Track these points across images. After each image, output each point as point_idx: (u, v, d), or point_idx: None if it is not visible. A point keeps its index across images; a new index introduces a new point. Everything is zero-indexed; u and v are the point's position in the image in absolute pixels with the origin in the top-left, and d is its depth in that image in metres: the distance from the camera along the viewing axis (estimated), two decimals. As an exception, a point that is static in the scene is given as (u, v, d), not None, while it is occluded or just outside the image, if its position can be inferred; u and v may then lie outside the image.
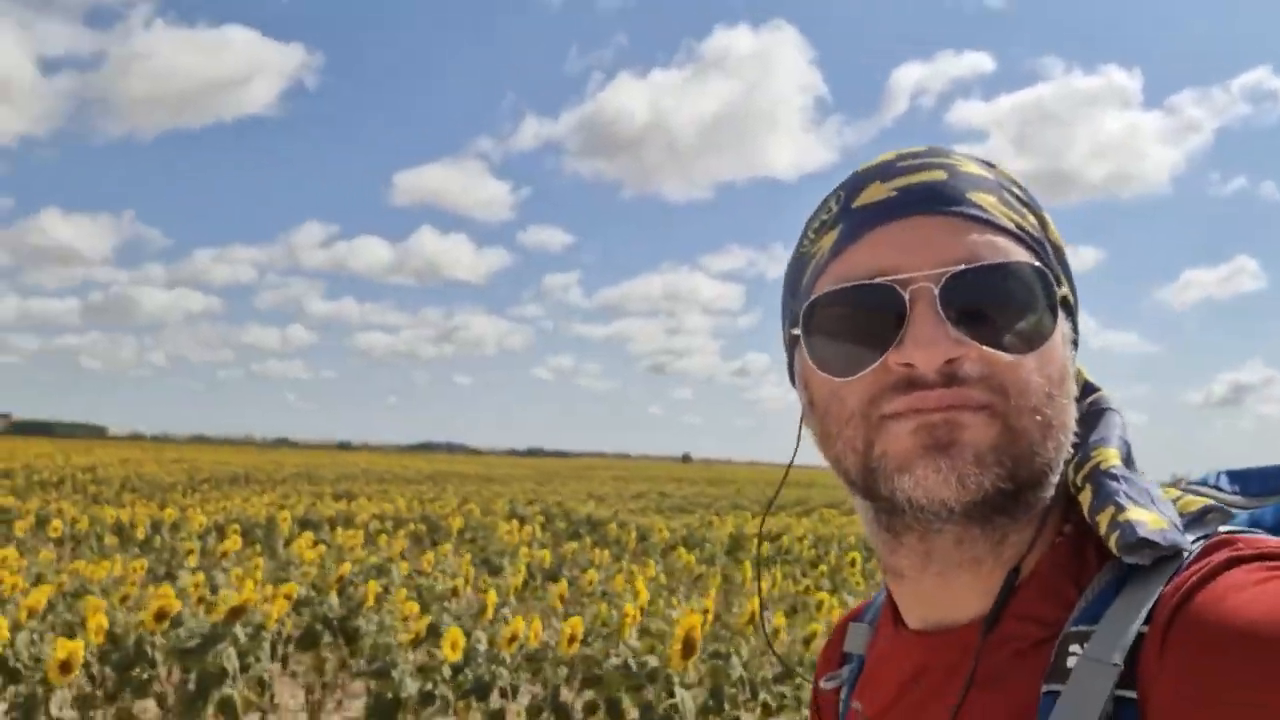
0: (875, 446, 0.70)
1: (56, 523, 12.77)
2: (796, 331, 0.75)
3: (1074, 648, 0.64)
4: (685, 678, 4.85)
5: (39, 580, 8.86)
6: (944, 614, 0.75)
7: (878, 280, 0.69)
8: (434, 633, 6.26)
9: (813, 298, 0.73)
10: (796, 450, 0.82)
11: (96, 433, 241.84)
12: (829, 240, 0.74)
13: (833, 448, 0.74)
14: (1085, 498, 0.70)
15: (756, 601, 5.63)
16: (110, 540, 13.20)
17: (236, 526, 13.99)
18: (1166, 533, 0.65)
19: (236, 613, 5.52)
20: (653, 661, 4.88)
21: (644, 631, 5.74)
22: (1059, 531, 0.73)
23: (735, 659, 5.50)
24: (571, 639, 5.66)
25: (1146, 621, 0.62)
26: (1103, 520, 0.67)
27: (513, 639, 5.71)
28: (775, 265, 0.83)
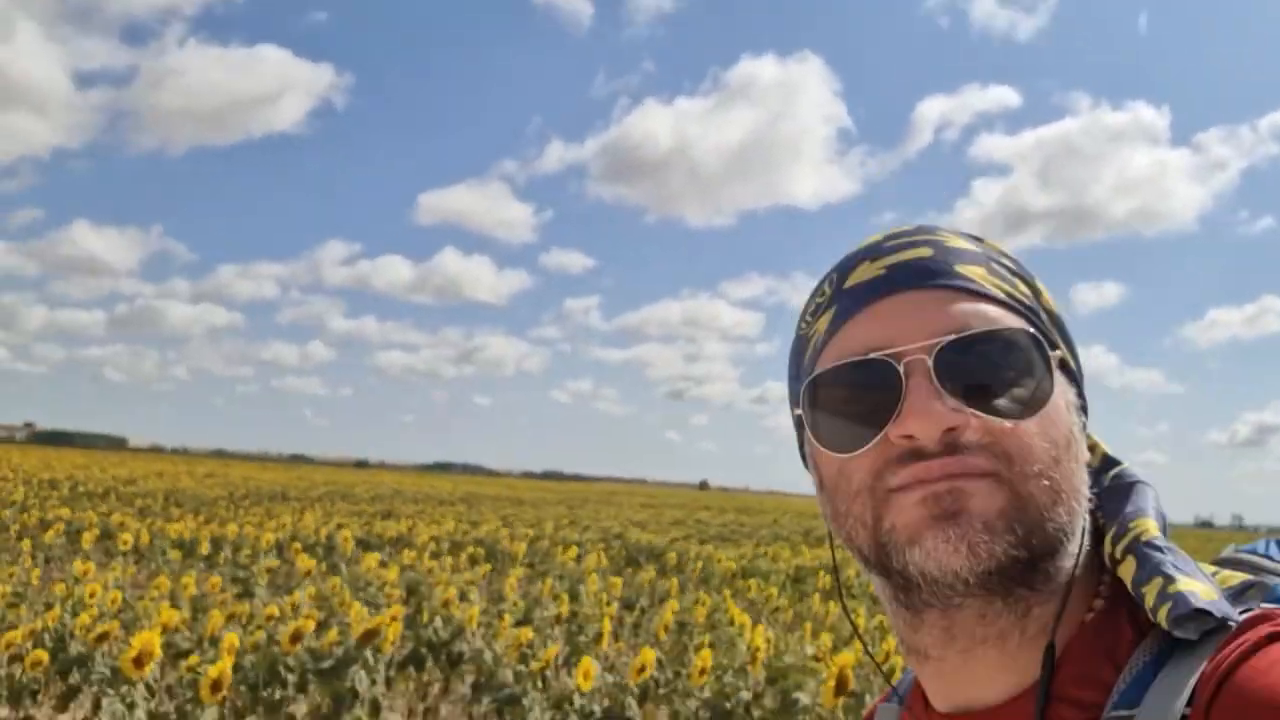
0: (884, 520, 0.69)
1: (126, 536, 12.82)
2: (799, 412, 0.76)
3: None
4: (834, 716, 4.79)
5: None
6: (972, 695, 0.72)
7: (872, 355, 0.70)
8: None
9: (811, 377, 0.74)
10: None
11: (117, 444, 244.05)
12: (825, 321, 0.76)
13: (844, 525, 0.73)
14: (1127, 569, 0.69)
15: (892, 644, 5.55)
16: (173, 555, 13.24)
17: (297, 545, 14.04)
18: (1217, 603, 0.64)
19: (369, 636, 5.52)
20: (804, 699, 4.82)
21: (774, 666, 5.68)
22: (1089, 606, 0.71)
23: (868, 697, 5.44)
24: (702, 671, 5.62)
25: (1189, 702, 0.60)
26: (1149, 591, 0.66)
27: (641, 669, 5.68)
28: (795, 294, 0.88)
